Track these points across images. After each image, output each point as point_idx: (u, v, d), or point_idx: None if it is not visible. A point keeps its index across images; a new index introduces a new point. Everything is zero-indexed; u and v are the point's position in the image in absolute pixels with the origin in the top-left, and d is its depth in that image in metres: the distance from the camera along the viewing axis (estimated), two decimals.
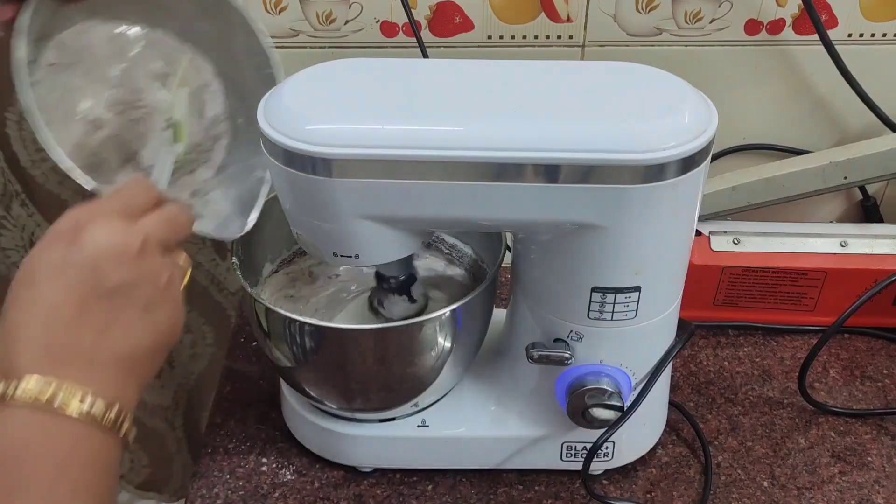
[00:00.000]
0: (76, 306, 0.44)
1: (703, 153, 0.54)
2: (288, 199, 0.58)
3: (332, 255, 0.60)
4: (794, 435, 0.77)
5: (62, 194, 0.90)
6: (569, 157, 0.52)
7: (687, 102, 0.55)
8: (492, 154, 0.53)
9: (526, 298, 0.65)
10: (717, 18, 0.81)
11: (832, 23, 0.81)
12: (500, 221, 0.59)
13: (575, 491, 0.71)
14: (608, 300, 0.60)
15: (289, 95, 0.55)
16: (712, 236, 0.84)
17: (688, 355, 0.85)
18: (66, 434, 0.42)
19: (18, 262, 0.96)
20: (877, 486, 0.72)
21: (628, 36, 0.82)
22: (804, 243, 0.83)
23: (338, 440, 0.71)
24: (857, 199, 0.92)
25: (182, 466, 1.19)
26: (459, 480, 0.72)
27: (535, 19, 0.81)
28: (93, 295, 0.45)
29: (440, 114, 0.55)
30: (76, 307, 0.44)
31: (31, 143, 0.86)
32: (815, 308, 0.86)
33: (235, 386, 0.81)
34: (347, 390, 0.68)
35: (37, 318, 0.43)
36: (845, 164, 0.81)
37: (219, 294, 1.04)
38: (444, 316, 0.62)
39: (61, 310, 0.44)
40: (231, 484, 0.72)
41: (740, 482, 0.72)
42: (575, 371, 0.64)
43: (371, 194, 0.55)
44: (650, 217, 0.55)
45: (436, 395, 0.71)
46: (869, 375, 0.83)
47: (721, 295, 0.85)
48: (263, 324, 0.65)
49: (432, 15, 0.81)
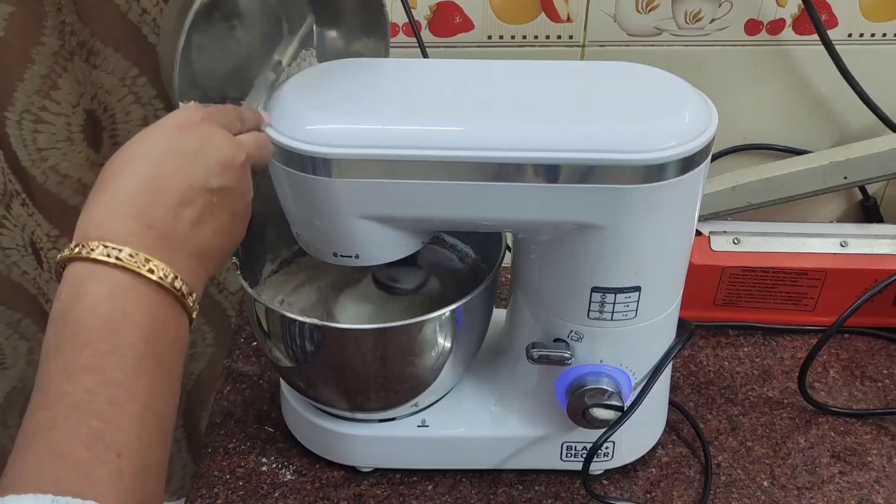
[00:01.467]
0: (180, 194, 0.46)
1: (703, 153, 0.54)
2: (288, 199, 0.58)
3: (332, 255, 0.60)
4: (794, 435, 0.77)
5: (62, 194, 0.90)
6: (569, 157, 0.52)
7: (687, 102, 0.55)
8: (492, 154, 0.53)
9: (526, 298, 0.65)
10: (717, 18, 0.81)
11: (832, 23, 0.81)
12: (501, 221, 0.59)
13: (575, 491, 0.71)
14: (608, 300, 0.60)
15: (289, 95, 0.56)
16: (712, 236, 0.84)
17: (688, 355, 0.85)
18: (153, 301, 0.44)
19: (18, 261, 0.96)
20: (877, 486, 0.72)
21: (628, 36, 0.82)
22: (804, 243, 0.83)
23: (338, 440, 0.71)
24: (857, 199, 0.92)
25: (182, 466, 1.19)
26: (459, 480, 0.72)
27: (535, 19, 0.81)
28: (196, 189, 0.47)
29: (440, 114, 0.55)
30: (180, 195, 0.46)
31: (32, 142, 0.87)
32: (815, 308, 0.86)
33: (235, 386, 0.81)
34: (347, 390, 0.68)
35: (145, 194, 0.45)
36: (845, 164, 0.81)
37: (219, 294, 1.04)
38: (444, 316, 0.62)
39: (167, 193, 0.46)
40: (231, 484, 0.72)
41: (740, 482, 0.72)
42: (575, 371, 0.64)
43: (371, 194, 0.55)
44: (650, 217, 0.55)
45: (436, 395, 0.71)
46: (869, 375, 0.83)
47: (721, 295, 0.85)
48: (263, 324, 0.65)
49: (432, 15, 0.81)
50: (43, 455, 0.39)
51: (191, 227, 0.46)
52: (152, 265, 0.44)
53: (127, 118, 0.89)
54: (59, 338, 0.42)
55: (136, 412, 0.41)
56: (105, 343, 0.41)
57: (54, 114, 0.85)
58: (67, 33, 0.82)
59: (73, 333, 0.41)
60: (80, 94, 0.86)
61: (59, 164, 0.89)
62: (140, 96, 0.87)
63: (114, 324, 0.42)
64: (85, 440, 0.39)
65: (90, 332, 0.41)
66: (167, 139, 0.48)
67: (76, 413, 0.40)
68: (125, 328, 0.42)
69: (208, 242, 0.48)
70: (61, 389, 0.40)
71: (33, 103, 0.84)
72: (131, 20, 0.82)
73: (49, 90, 0.83)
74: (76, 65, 0.84)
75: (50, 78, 0.83)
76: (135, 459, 0.40)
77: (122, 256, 0.43)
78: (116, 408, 0.41)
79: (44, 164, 0.88)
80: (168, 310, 0.45)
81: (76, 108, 0.86)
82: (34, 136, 0.86)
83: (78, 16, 0.82)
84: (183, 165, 0.47)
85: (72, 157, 0.89)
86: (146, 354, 0.43)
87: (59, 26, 0.81)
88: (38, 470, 0.38)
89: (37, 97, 0.84)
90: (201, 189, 0.47)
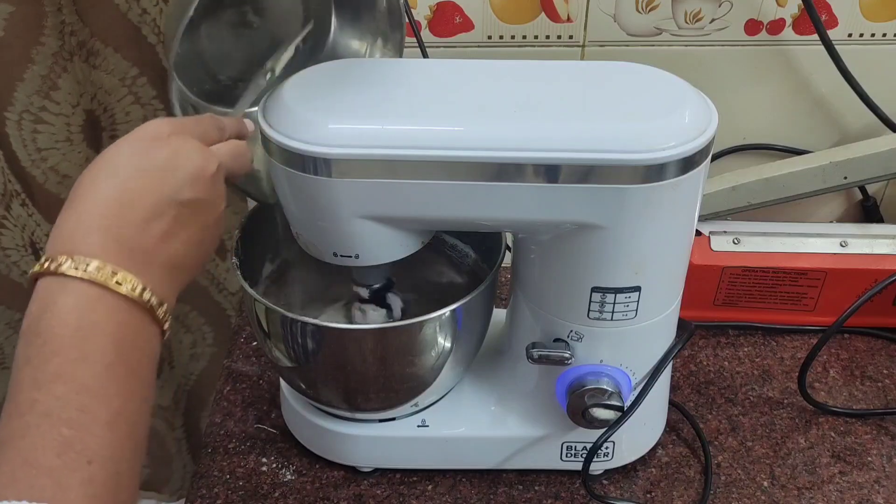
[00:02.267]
0: (149, 208, 0.47)
1: (703, 153, 0.54)
2: (288, 198, 0.58)
3: (332, 255, 0.60)
4: (794, 435, 0.77)
5: (62, 194, 0.90)
6: (569, 157, 0.52)
7: (687, 102, 0.55)
8: (492, 154, 0.53)
9: (526, 298, 0.65)
10: (717, 18, 0.81)
11: (832, 23, 0.81)
12: (501, 221, 0.59)
13: (575, 491, 0.71)
14: (608, 300, 0.60)
15: (289, 95, 0.56)
16: (712, 236, 0.84)
17: (688, 355, 0.85)
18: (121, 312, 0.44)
19: (18, 261, 0.96)
20: (877, 486, 0.72)
21: (628, 36, 0.82)
22: (804, 243, 0.83)
23: (338, 440, 0.71)
24: (857, 199, 0.92)
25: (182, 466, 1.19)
26: (459, 480, 0.72)
27: (535, 19, 0.81)
28: (167, 202, 0.47)
29: (440, 114, 0.55)
30: (148, 209, 0.47)
31: (31, 142, 0.87)
32: (815, 308, 0.86)
33: (235, 386, 0.81)
34: (347, 390, 0.68)
35: (113, 210, 0.46)
36: (845, 164, 0.81)
37: (218, 294, 1.04)
38: (444, 316, 0.62)
39: (136, 208, 0.46)
40: (231, 484, 0.72)
41: (740, 482, 0.72)
42: (575, 371, 0.64)
43: (371, 194, 0.55)
44: (650, 217, 0.55)
45: (436, 395, 0.71)
46: (869, 375, 0.83)
47: (721, 295, 0.85)
48: (263, 324, 0.65)
49: (432, 15, 0.81)
50: (15, 463, 0.39)
51: (160, 241, 0.47)
52: (120, 277, 0.44)
53: (127, 118, 0.89)
54: (28, 349, 0.42)
55: (106, 420, 0.42)
56: (75, 351, 0.42)
57: (54, 114, 0.85)
58: (67, 33, 0.82)
59: (43, 343, 0.42)
60: (80, 95, 0.86)
61: (59, 165, 0.89)
62: (140, 96, 0.87)
63: (83, 332, 0.43)
64: (56, 447, 0.40)
65: (60, 342, 0.42)
66: (135, 154, 0.48)
67: (47, 421, 0.40)
68: (94, 337, 0.43)
69: (179, 254, 0.48)
70: (32, 398, 0.41)
71: (33, 103, 0.84)
72: (131, 20, 0.82)
73: (49, 90, 0.83)
74: (76, 65, 0.84)
75: (50, 78, 0.83)
76: (106, 466, 0.41)
77: (91, 270, 0.43)
78: (87, 415, 0.41)
79: (43, 164, 0.88)
80: (138, 321, 0.45)
81: (76, 108, 0.86)
82: (34, 136, 0.86)
83: (78, 16, 0.82)
84: (151, 180, 0.47)
85: (71, 158, 0.89)
86: (116, 363, 0.43)
87: (58, 26, 0.81)
88: (10, 478, 0.39)
89: (37, 97, 0.84)
90: (171, 202, 0.47)
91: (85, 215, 0.45)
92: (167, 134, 0.49)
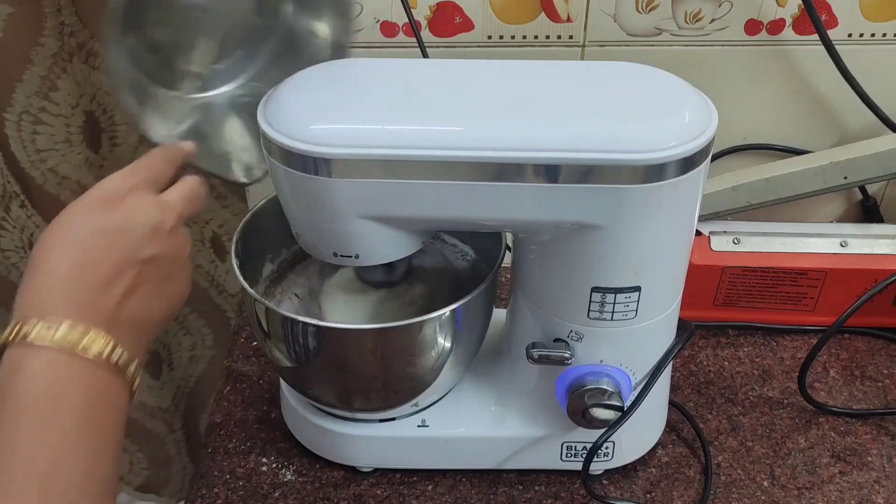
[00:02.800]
0: (111, 270, 0.47)
1: (703, 153, 0.54)
2: (288, 199, 0.58)
3: (332, 255, 0.60)
4: (794, 435, 0.77)
5: (61, 195, 0.90)
6: (569, 157, 0.52)
7: (687, 102, 0.55)
8: (492, 154, 0.53)
9: (526, 298, 0.65)
10: (717, 18, 0.81)
11: (832, 23, 0.81)
12: (500, 221, 0.59)
13: (575, 491, 0.71)
14: (608, 300, 0.60)
15: (289, 95, 0.56)
16: (712, 236, 0.84)
17: (688, 355, 0.85)
18: (89, 376, 0.45)
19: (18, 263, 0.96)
20: (877, 486, 0.72)
21: (628, 36, 0.82)
22: (804, 243, 0.83)
23: (338, 440, 0.71)
24: (857, 199, 0.92)
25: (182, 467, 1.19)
26: (459, 480, 0.72)
27: (535, 19, 0.81)
28: (127, 262, 0.48)
29: (440, 114, 0.55)
30: (111, 270, 0.47)
31: (31, 143, 0.86)
32: (815, 308, 0.86)
33: (235, 386, 0.81)
34: (347, 390, 0.68)
35: (74, 274, 0.46)
36: (845, 164, 0.81)
37: (218, 296, 1.04)
38: (444, 316, 0.62)
39: (97, 271, 0.47)
40: (231, 484, 0.72)
41: (740, 482, 0.72)
42: (575, 371, 0.64)
43: (371, 194, 0.55)
44: (650, 217, 0.55)
45: (436, 395, 0.71)
46: (869, 375, 0.83)
47: (721, 295, 0.85)
48: (263, 324, 0.65)
49: (432, 15, 0.81)
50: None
51: (123, 300, 0.47)
52: (89, 338, 0.45)
53: (126, 119, 0.89)
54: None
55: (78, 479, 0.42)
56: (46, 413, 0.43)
57: (53, 115, 0.85)
58: (66, 34, 0.82)
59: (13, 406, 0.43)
60: (80, 96, 0.86)
61: (59, 166, 0.89)
62: None
63: (52, 398, 0.43)
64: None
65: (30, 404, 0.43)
66: (92, 217, 0.48)
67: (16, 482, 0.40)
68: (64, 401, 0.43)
69: (143, 310, 0.49)
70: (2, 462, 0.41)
71: (32, 104, 0.84)
72: None
73: (48, 91, 0.83)
74: (75, 66, 0.84)
75: (49, 79, 0.83)
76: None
77: (57, 337, 0.44)
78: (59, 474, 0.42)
79: (43, 165, 0.88)
80: (107, 383, 0.46)
81: (75, 109, 0.86)
82: (33, 137, 0.86)
83: (77, 17, 0.82)
84: (109, 243, 0.48)
85: (71, 159, 0.89)
86: (85, 428, 0.44)
87: (58, 27, 0.81)
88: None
89: (36, 98, 0.83)
90: (131, 262, 0.48)
91: (47, 281, 0.46)
92: (124, 193, 0.50)
